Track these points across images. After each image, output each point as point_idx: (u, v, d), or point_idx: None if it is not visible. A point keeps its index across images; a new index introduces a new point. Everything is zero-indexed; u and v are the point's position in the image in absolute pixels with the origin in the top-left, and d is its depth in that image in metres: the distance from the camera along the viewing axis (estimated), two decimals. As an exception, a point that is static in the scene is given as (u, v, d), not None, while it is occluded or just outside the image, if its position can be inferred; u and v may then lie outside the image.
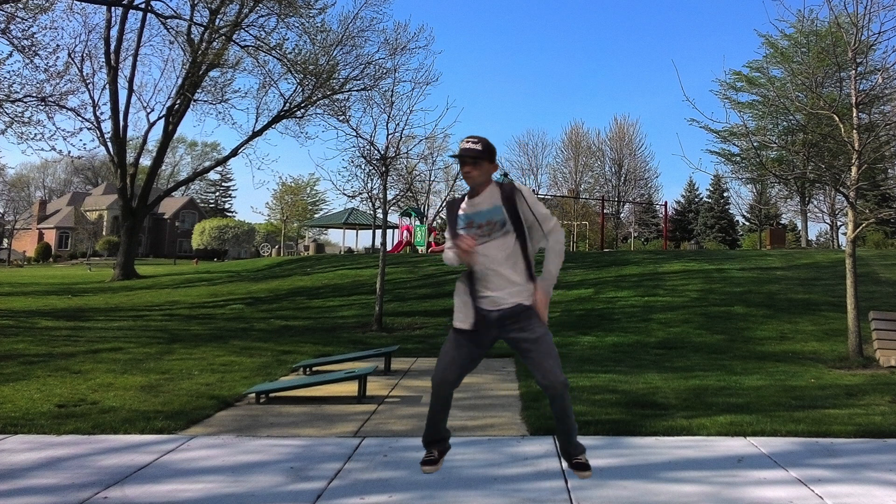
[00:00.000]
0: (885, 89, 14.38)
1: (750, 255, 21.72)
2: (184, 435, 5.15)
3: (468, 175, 3.29)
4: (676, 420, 5.54)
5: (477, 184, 3.31)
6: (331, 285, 18.46)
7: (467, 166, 3.28)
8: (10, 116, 16.12)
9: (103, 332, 11.39)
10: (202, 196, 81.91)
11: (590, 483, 3.96)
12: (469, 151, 3.27)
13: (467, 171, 3.29)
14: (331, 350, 9.73)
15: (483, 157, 3.28)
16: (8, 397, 6.29)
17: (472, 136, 3.33)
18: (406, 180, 24.93)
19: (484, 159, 3.29)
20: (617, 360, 8.98)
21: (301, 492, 3.88)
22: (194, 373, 7.79)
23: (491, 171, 3.35)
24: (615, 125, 51.02)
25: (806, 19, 24.25)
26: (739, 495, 3.84)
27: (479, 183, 3.31)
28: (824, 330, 11.28)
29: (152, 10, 21.61)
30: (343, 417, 5.80)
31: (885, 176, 19.20)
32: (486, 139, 3.32)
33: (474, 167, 3.28)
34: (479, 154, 3.27)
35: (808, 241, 38.20)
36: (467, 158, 3.27)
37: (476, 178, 3.29)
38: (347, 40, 22.51)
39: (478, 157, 3.27)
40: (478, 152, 3.27)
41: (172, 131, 25.84)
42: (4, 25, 15.13)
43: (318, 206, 64.18)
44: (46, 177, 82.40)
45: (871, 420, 5.59)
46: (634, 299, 14.34)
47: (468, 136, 3.33)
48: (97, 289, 20.88)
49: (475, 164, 3.28)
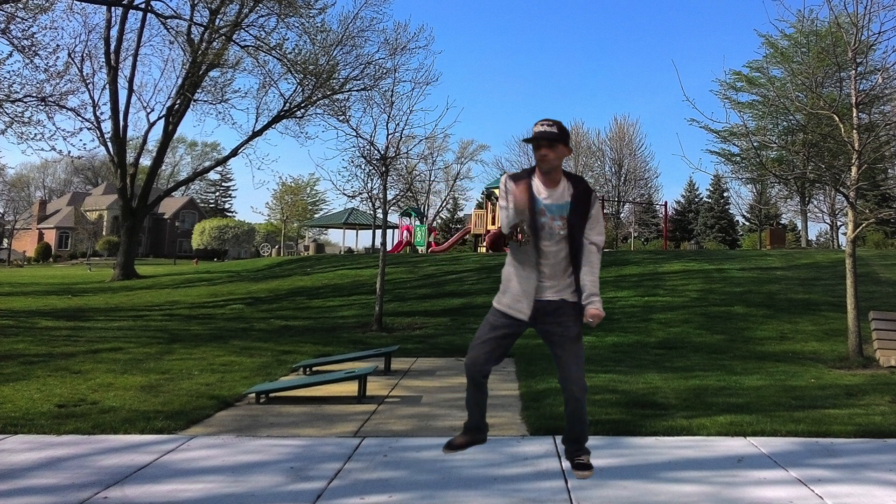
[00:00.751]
0: (885, 89, 14.38)
1: (750, 255, 21.71)
2: (184, 435, 5.15)
3: (544, 158, 3.22)
4: (676, 420, 5.54)
5: (553, 168, 3.25)
6: (331, 285, 18.46)
7: (543, 149, 3.21)
8: (10, 116, 16.13)
9: (103, 332, 11.39)
10: (202, 196, 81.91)
11: (590, 483, 3.96)
12: (546, 134, 3.21)
13: (544, 153, 3.21)
14: (331, 350, 9.73)
15: (560, 140, 3.23)
16: (8, 397, 6.29)
17: (547, 118, 3.27)
18: (406, 180, 24.92)
19: (560, 142, 3.23)
20: (617, 360, 8.98)
21: (301, 492, 3.88)
22: (194, 373, 7.79)
23: (565, 155, 3.30)
24: (615, 125, 50.96)
25: (806, 19, 24.27)
26: (739, 495, 3.84)
27: (555, 167, 3.26)
28: (824, 330, 11.27)
29: (152, 10, 21.63)
30: (343, 417, 5.80)
31: (885, 176, 19.19)
32: (561, 122, 3.27)
33: (551, 149, 3.22)
34: (556, 136, 3.21)
35: (808, 241, 38.20)
36: (543, 141, 3.21)
37: (552, 162, 3.23)
38: (347, 40, 22.54)
39: (555, 139, 3.21)
40: (555, 135, 3.21)
41: (172, 131, 25.84)
42: (4, 25, 15.13)
43: (318, 206, 64.25)
44: (46, 177, 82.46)
45: (871, 420, 5.59)
46: (634, 299, 14.33)
47: (543, 119, 3.27)
48: (97, 289, 20.88)
49: (552, 146, 3.22)
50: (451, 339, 11.00)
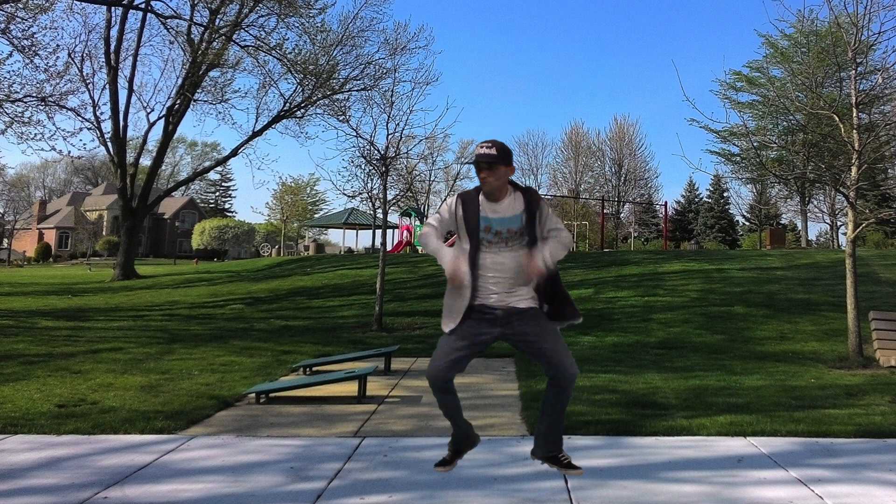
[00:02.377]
0: (885, 89, 14.38)
1: (750, 255, 21.72)
2: (184, 435, 5.15)
3: (485, 181, 3.25)
4: (676, 420, 5.54)
5: (494, 189, 3.27)
6: (331, 285, 18.47)
7: (483, 172, 3.24)
8: (10, 116, 16.12)
9: (103, 332, 11.39)
10: (202, 196, 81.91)
11: (590, 483, 3.96)
12: (483, 157, 3.23)
13: (483, 176, 3.24)
14: (331, 350, 9.73)
15: (498, 162, 3.24)
16: (8, 397, 6.29)
17: (486, 140, 3.29)
18: (406, 180, 24.92)
19: (499, 164, 3.25)
20: (617, 360, 8.98)
21: (301, 492, 3.88)
22: (194, 373, 7.79)
23: (507, 175, 3.30)
24: (615, 125, 50.99)
25: (806, 19, 24.23)
26: (739, 495, 3.84)
27: (497, 188, 3.27)
28: (824, 330, 11.28)
29: (152, 10, 21.63)
30: (343, 417, 5.80)
31: (885, 176, 19.20)
32: (501, 142, 3.28)
33: (490, 172, 3.24)
34: (494, 159, 3.23)
35: (808, 241, 38.20)
36: (482, 164, 3.23)
37: (493, 184, 3.25)
38: (347, 40, 22.52)
39: (493, 161, 3.23)
40: (493, 157, 3.23)
41: (172, 131, 25.84)
42: (4, 25, 15.13)
43: (318, 206, 64.23)
44: (46, 177, 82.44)
45: (871, 420, 5.59)
46: (634, 299, 14.33)
47: (483, 142, 3.29)
48: (97, 289, 20.88)
49: (490, 168, 3.24)
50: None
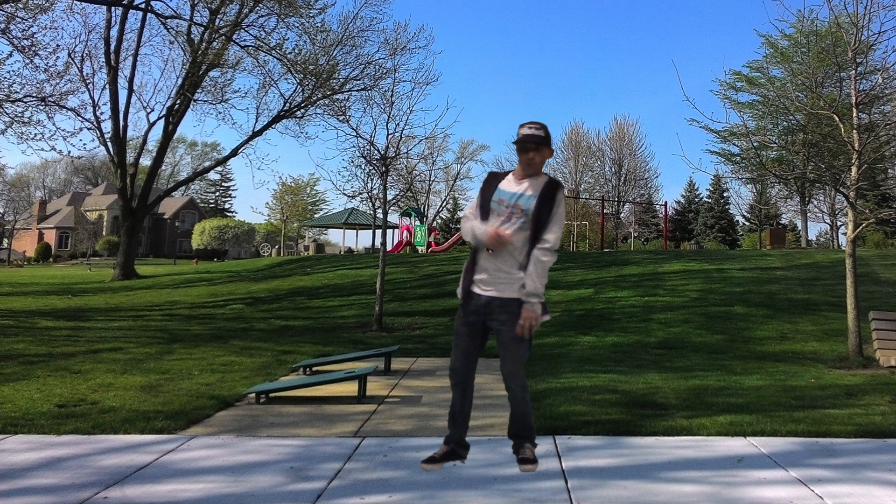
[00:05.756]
0: (885, 89, 14.38)
1: (750, 255, 21.71)
2: (184, 435, 5.15)
3: (532, 161, 3.25)
4: (676, 420, 5.54)
5: (538, 170, 3.27)
6: (331, 285, 18.46)
7: (531, 152, 3.23)
8: (10, 116, 16.11)
9: (103, 332, 11.39)
10: (202, 196, 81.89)
11: (590, 483, 3.97)
12: (533, 137, 3.23)
13: (531, 157, 3.24)
14: (331, 350, 9.73)
15: (545, 143, 3.25)
16: (8, 397, 6.29)
17: (533, 121, 3.29)
18: (406, 180, 24.95)
19: (545, 145, 3.26)
20: (617, 360, 8.98)
21: (301, 492, 3.88)
22: (194, 373, 7.79)
23: (548, 157, 3.32)
24: (615, 125, 51.01)
25: (806, 19, 24.21)
26: (739, 495, 3.84)
27: (540, 169, 3.28)
28: (824, 330, 11.27)
29: (152, 10, 21.62)
30: (343, 417, 5.80)
31: (885, 176, 19.20)
32: (546, 125, 3.29)
33: (538, 153, 3.24)
34: (542, 140, 3.24)
35: (808, 241, 38.19)
36: (530, 144, 3.23)
37: (538, 165, 3.26)
38: (347, 40, 22.53)
39: (541, 142, 3.23)
40: (541, 138, 3.24)
41: (172, 131, 25.83)
42: (4, 25, 15.13)
43: (318, 206, 64.23)
44: (46, 177, 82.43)
45: (871, 420, 5.59)
46: (634, 299, 14.33)
47: (529, 122, 3.28)
48: (97, 289, 20.87)
49: (538, 149, 3.24)
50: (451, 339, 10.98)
